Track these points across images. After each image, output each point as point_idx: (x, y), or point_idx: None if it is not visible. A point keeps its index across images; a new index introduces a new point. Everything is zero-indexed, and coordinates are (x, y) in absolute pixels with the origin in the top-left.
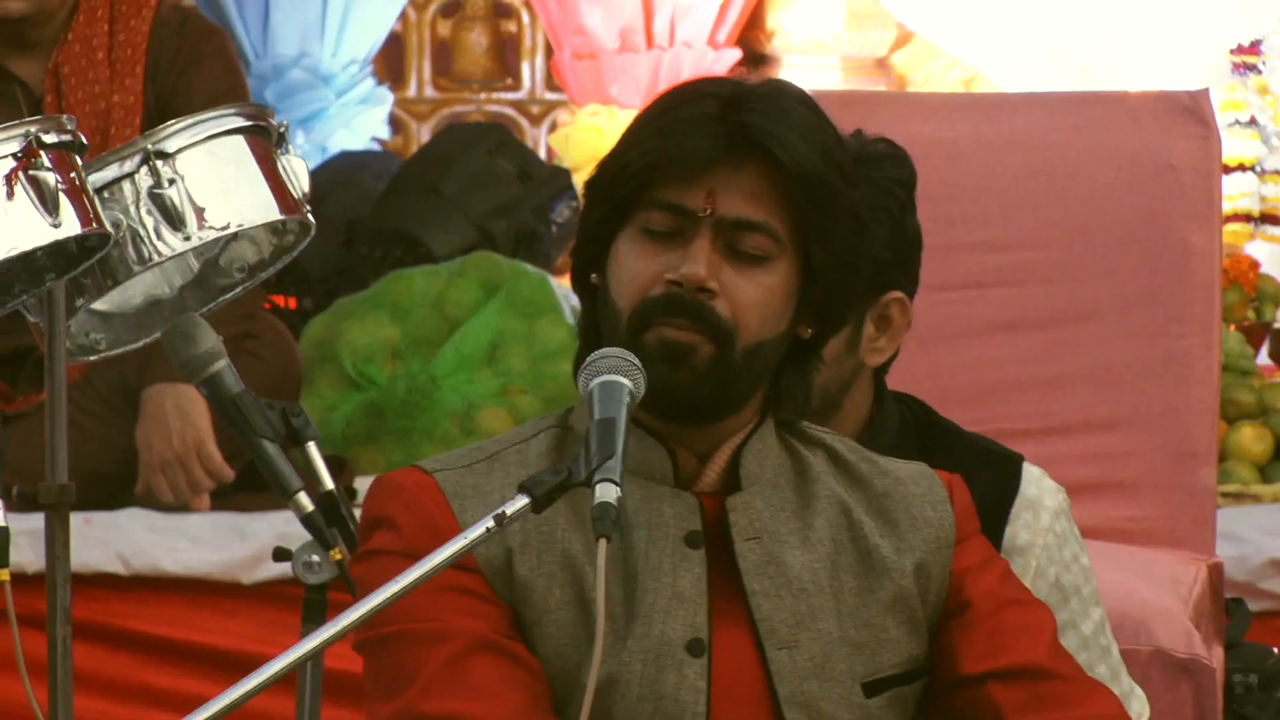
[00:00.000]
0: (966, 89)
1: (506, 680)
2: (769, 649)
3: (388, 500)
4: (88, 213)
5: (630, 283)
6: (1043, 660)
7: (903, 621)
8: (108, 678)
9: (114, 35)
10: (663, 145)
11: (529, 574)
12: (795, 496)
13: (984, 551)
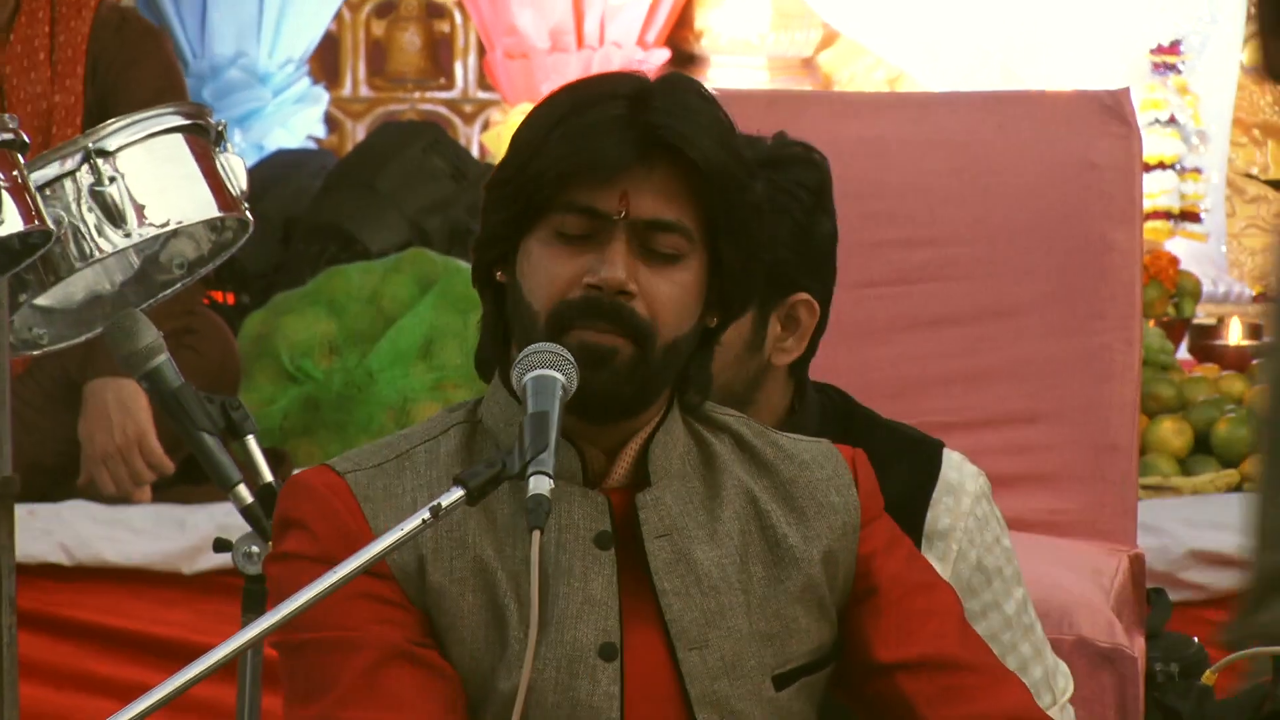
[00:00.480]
0: (891, 88)
1: (421, 690)
2: (680, 650)
3: (301, 502)
4: (30, 210)
5: (547, 285)
6: (952, 650)
7: (811, 610)
8: (52, 666)
9: (54, 36)
10: (575, 150)
11: (442, 580)
12: (703, 487)
13: (889, 533)
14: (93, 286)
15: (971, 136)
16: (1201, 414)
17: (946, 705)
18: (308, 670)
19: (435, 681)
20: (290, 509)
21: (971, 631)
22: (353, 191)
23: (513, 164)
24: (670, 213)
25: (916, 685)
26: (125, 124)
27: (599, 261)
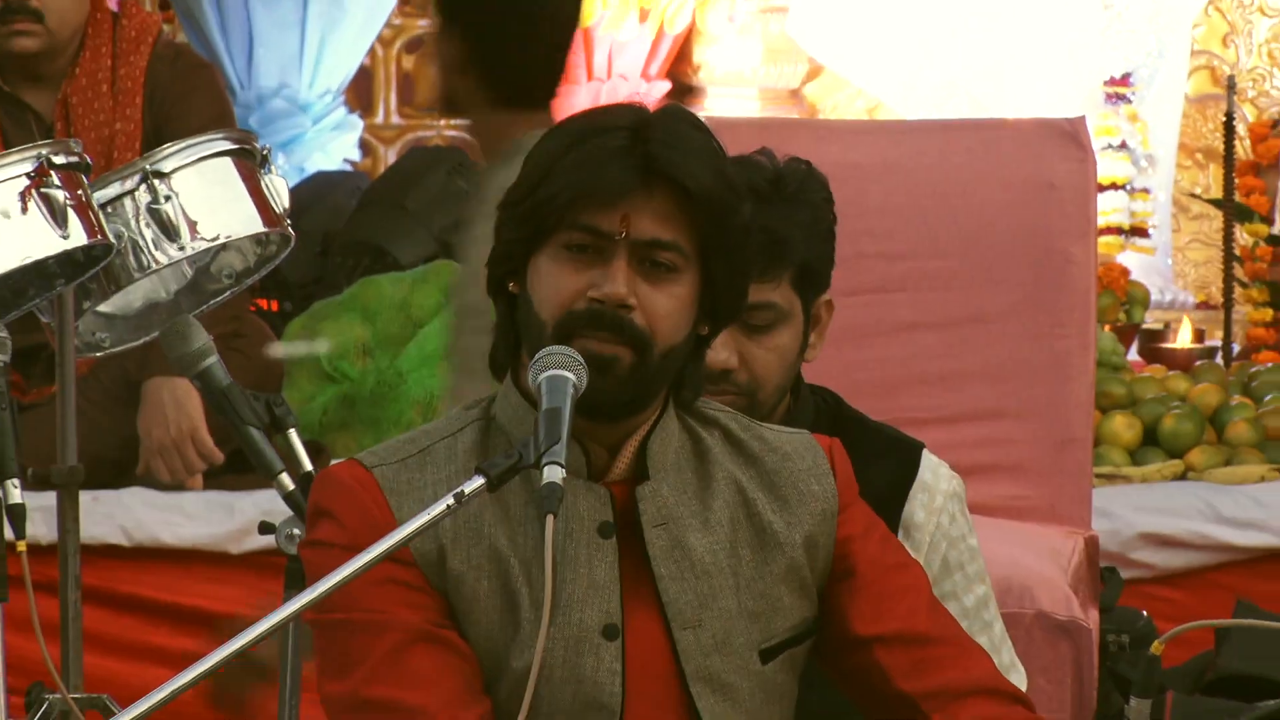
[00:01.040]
0: (870, 116)
1: (442, 668)
2: (675, 629)
3: (332, 494)
4: (93, 225)
5: (554, 297)
6: (923, 626)
7: (794, 589)
8: (113, 637)
9: (116, 70)
10: (583, 176)
11: (460, 567)
12: (696, 479)
13: (865, 517)
14: (150, 295)
15: (943, 160)
16: (1150, 410)
17: (918, 675)
18: (339, 648)
19: (454, 660)
20: (322, 500)
21: (941, 607)
22: (384, 210)
23: (525, 186)
24: (667, 233)
25: (891, 658)
26: (179, 148)
27: (602, 277)
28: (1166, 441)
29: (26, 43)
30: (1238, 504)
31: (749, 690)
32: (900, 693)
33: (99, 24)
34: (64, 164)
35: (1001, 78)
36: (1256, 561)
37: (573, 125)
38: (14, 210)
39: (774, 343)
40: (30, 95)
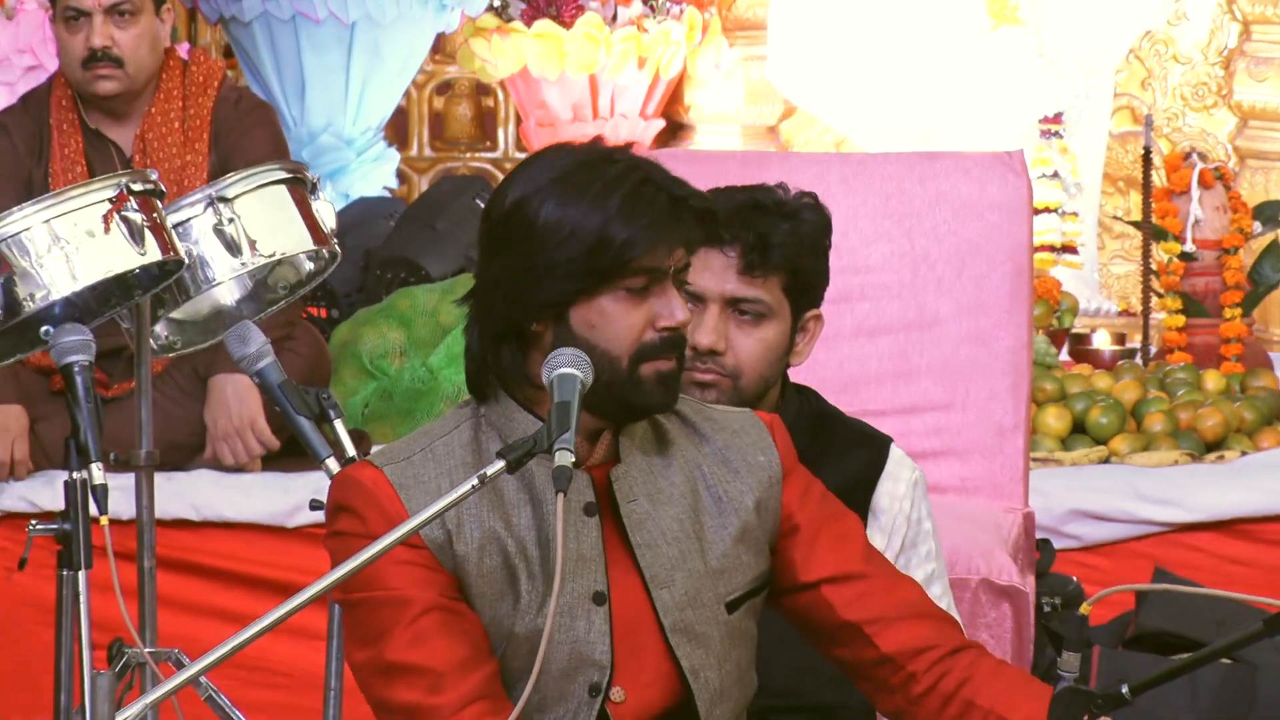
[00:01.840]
0: (837, 149)
1: (453, 635)
2: (654, 590)
3: (349, 493)
4: (166, 243)
5: (624, 334)
6: (860, 566)
7: (750, 548)
8: (183, 599)
9: (186, 109)
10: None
11: (464, 549)
12: (659, 459)
13: (805, 480)
14: (216, 303)
15: (899, 187)
16: (1078, 403)
17: (859, 606)
18: (364, 622)
19: (464, 627)
20: (341, 498)
21: (874, 549)
22: (418, 230)
23: (578, 244)
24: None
25: (835, 594)
26: (241, 177)
27: (664, 307)
28: (1093, 430)
29: (109, 85)
30: (1154, 484)
31: (719, 637)
32: (846, 622)
33: (171, 70)
34: (141, 190)
35: (951, 116)
36: (1171, 534)
37: (595, 185)
38: (98, 230)
39: (760, 334)
40: (112, 131)
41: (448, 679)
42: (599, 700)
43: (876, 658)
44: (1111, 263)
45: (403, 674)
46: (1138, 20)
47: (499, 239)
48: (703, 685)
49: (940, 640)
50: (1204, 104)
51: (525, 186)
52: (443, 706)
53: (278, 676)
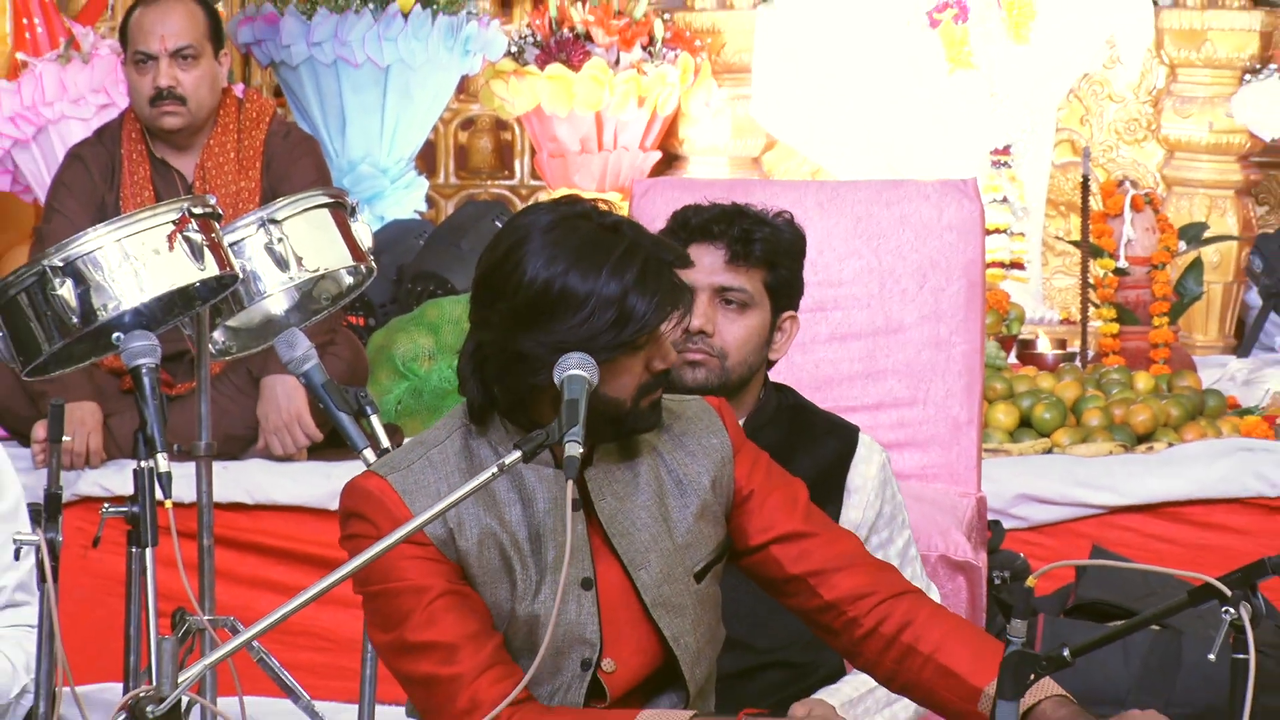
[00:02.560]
0: (813, 177)
1: (463, 614)
2: (633, 571)
3: (359, 501)
4: (223, 260)
5: (629, 383)
6: (801, 525)
7: (709, 522)
8: (237, 573)
9: (241, 142)
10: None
11: (465, 545)
12: (624, 453)
13: (752, 455)
14: (266, 312)
15: (866, 210)
16: (1024, 401)
17: (804, 560)
18: (384, 610)
19: (472, 607)
20: (352, 505)
21: (815, 509)
22: (444, 248)
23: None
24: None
25: (782, 551)
26: (289, 202)
27: (657, 354)
28: (1037, 424)
29: (173, 121)
30: (1091, 472)
31: (692, 604)
32: (793, 576)
33: (227, 107)
34: (201, 213)
35: (912, 148)
36: (1106, 516)
37: (597, 260)
38: (163, 249)
39: (744, 321)
40: (176, 161)
41: (462, 651)
42: (589, 673)
43: (821, 605)
44: (1054, 277)
45: (423, 650)
46: (1077, 64)
47: (524, 314)
48: (684, 649)
49: (877, 587)
50: (1135, 138)
51: (547, 266)
52: (462, 675)
53: (321, 641)
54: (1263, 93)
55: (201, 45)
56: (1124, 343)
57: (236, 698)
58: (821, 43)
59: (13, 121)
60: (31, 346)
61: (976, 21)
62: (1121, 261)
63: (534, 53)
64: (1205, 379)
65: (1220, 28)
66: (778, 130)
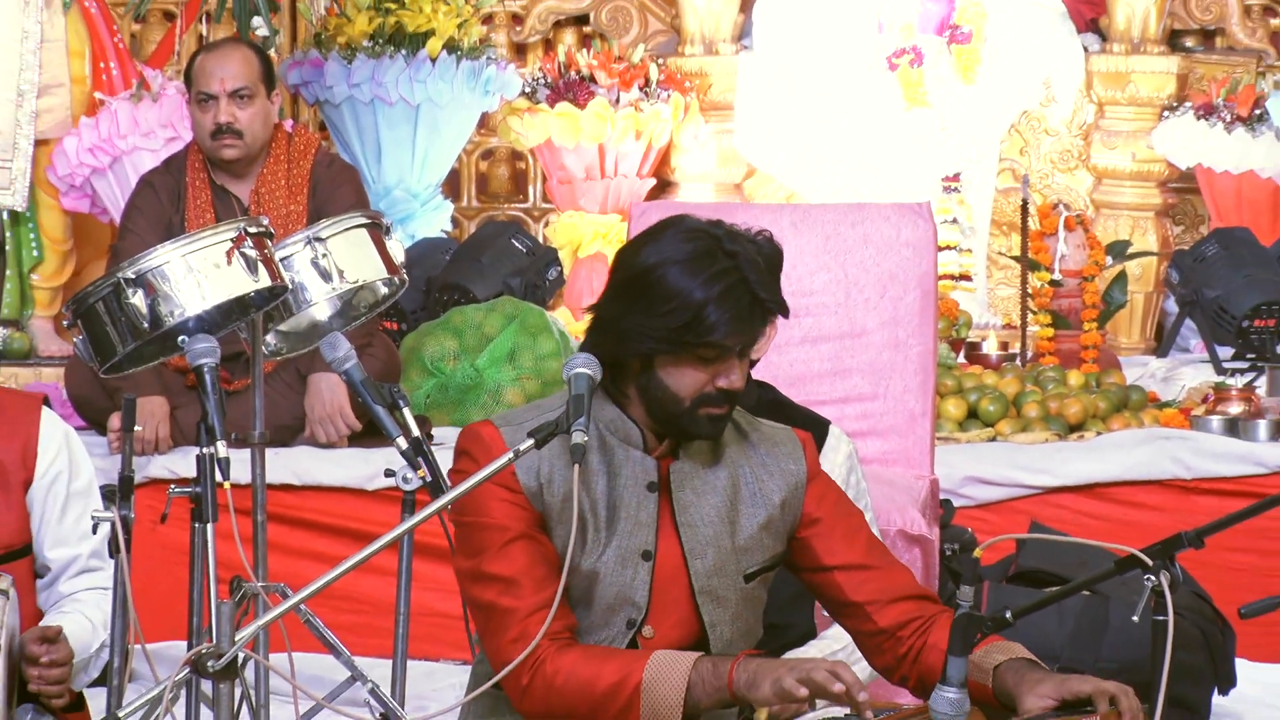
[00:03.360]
0: (788, 201)
1: (533, 557)
2: (690, 558)
3: (471, 443)
4: (275, 272)
5: (692, 385)
6: (863, 556)
7: (771, 534)
8: (287, 545)
9: (290, 171)
10: (729, 325)
11: (551, 499)
12: (711, 457)
13: (824, 485)
14: (312, 318)
15: (834, 229)
16: (971, 395)
17: (862, 588)
18: (470, 539)
19: (542, 552)
20: (465, 445)
21: (876, 541)
22: (467, 263)
23: (676, 318)
24: (758, 339)
25: (845, 578)
26: (332, 222)
27: (723, 372)
28: (983, 416)
29: (231, 152)
30: (1030, 457)
31: (735, 600)
32: (852, 601)
33: (279, 140)
34: (256, 232)
35: (874, 175)
36: (1043, 495)
37: (691, 263)
38: (222, 263)
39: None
40: (233, 187)
41: (525, 588)
42: (632, 633)
43: (874, 630)
44: (997, 288)
45: (492, 580)
46: (1017, 102)
47: (625, 289)
48: (718, 636)
49: (921, 613)
50: (1068, 166)
51: (659, 255)
52: (518, 609)
53: (359, 604)
54: (1179, 127)
55: (256, 86)
56: (1058, 345)
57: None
58: (796, 84)
59: (91, 152)
60: (108, 348)
61: (930, 66)
62: (1056, 274)
63: (545, 93)
64: (1129, 376)
65: (1142, 70)
66: (757, 160)
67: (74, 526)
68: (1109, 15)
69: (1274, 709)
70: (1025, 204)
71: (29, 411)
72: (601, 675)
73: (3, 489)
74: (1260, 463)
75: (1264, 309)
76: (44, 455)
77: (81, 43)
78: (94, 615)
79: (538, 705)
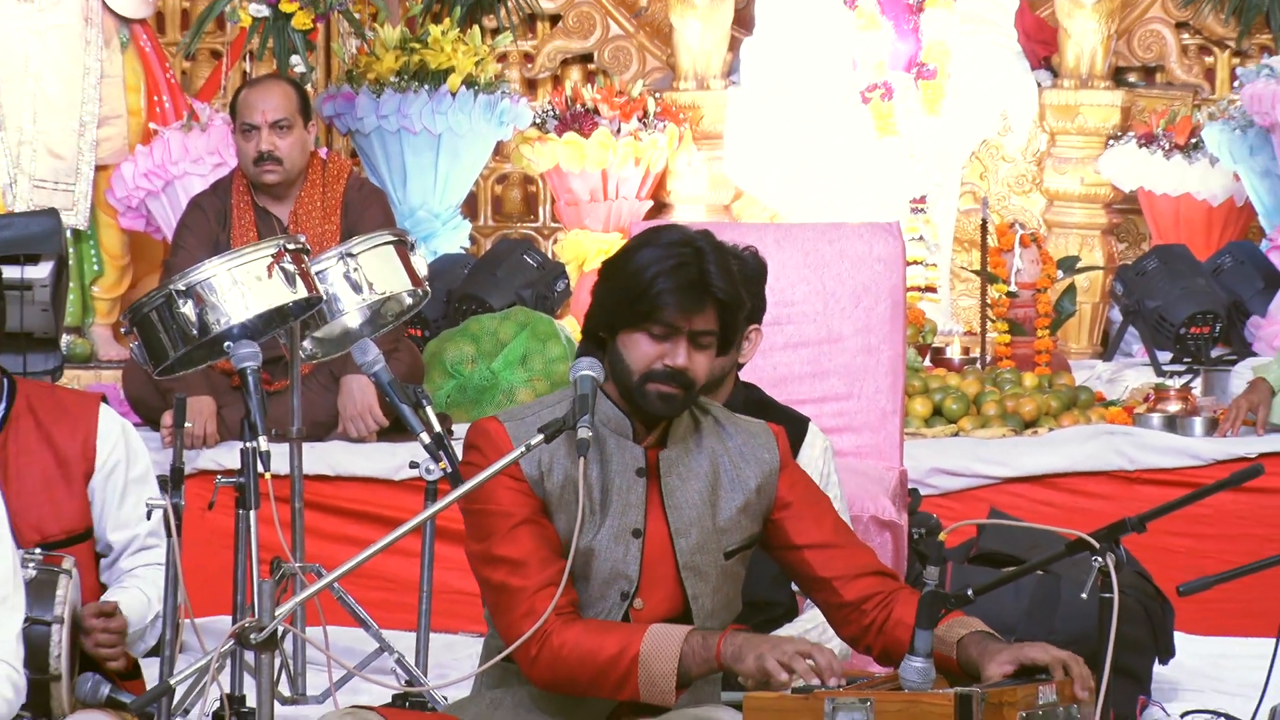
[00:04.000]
0: (771, 220)
1: (537, 539)
2: (675, 537)
3: (479, 438)
4: (311, 285)
5: (641, 359)
6: (830, 536)
7: (748, 516)
8: (323, 529)
9: (324, 194)
10: (678, 299)
11: (551, 487)
12: (693, 446)
13: (795, 473)
14: (345, 326)
15: (813, 246)
16: (936, 395)
17: (830, 566)
18: (480, 525)
19: (546, 534)
20: (473, 439)
21: (842, 523)
22: (484, 276)
23: (633, 292)
24: (709, 325)
25: (813, 555)
26: (363, 239)
27: (671, 351)
28: (946, 413)
29: (272, 178)
30: (989, 451)
31: (716, 575)
32: (820, 577)
33: (314, 166)
34: (294, 249)
35: (849, 198)
36: (1001, 485)
37: (659, 247)
38: (264, 276)
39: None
40: (274, 208)
41: (531, 568)
42: (626, 604)
43: (840, 603)
44: (959, 299)
45: (501, 562)
46: (977, 132)
47: (605, 273)
48: (700, 607)
49: (883, 589)
50: (1023, 189)
51: (637, 242)
52: (526, 587)
53: (387, 582)
54: (1123, 155)
55: (294, 118)
56: (1014, 350)
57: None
58: (779, 116)
59: (146, 177)
60: (160, 353)
61: (899, 99)
62: (1012, 286)
63: (553, 123)
64: (1078, 378)
65: (1090, 103)
66: (744, 184)
67: (132, 511)
68: (1060, 53)
69: (1208, 677)
70: (985, 223)
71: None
72: (603, 647)
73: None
74: (1196, 456)
75: (1199, 317)
76: (103, 448)
77: (137, 78)
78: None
79: (545, 674)
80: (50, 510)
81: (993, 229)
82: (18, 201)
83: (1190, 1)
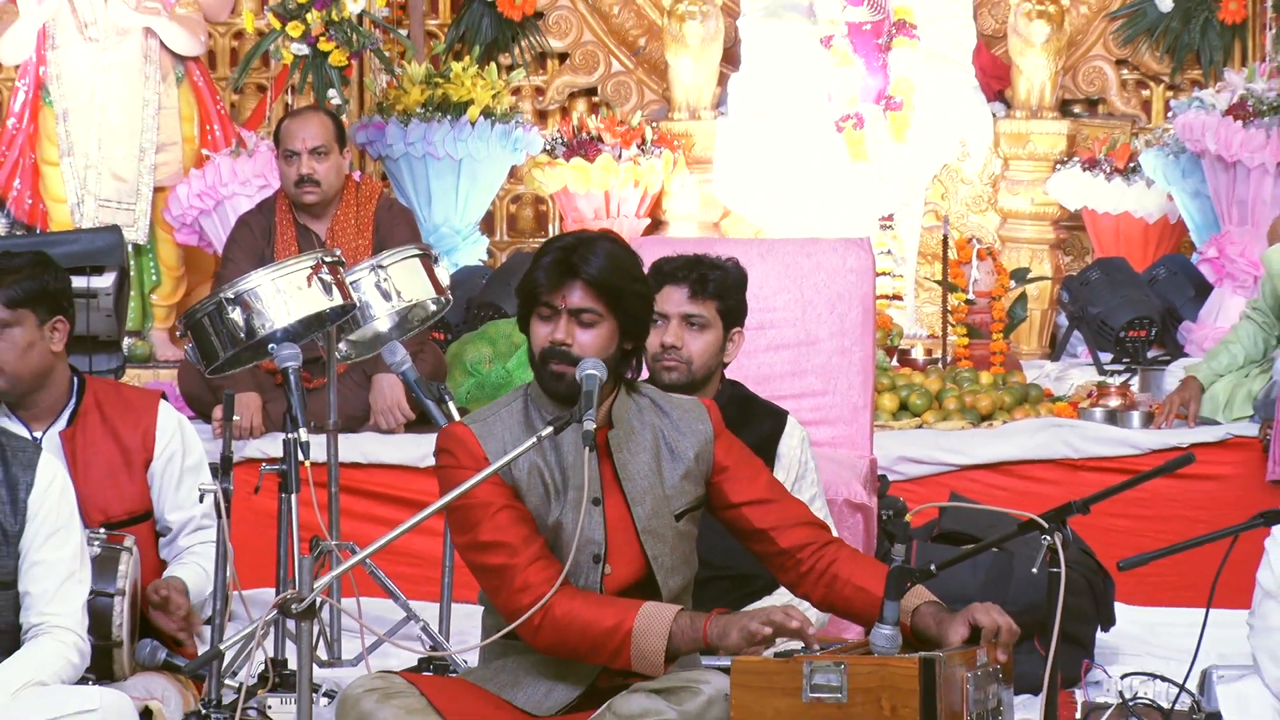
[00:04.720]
0: (756, 236)
1: (517, 521)
2: (632, 505)
3: (449, 441)
4: (346, 293)
5: (537, 341)
6: (765, 492)
7: (691, 481)
8: (356, 511)
9: (358, 212)
10: (542, 279)
11: (519, 474)
12: (637, 425)
13: (728, 440)
14: (376, 330)
15: (793, 259)
16: (902, 391)
17: (766, 518)
18: (463, 518)
19: (524, 515)
20: (443, 444)
21: (775, 481)
22: (500, 285)
23: (524, 283)
24: (585, 302)
25: (751, 511)
26: (392, 253)
27: (555, 329)
28: (912, 408)
29: (311, 198)
30: (950, 441)
31: (671, 536)
32: (757, 529)
33: (349, 187)
34: (331, 261)
35: (825, 216)
36: (960, 472)
37: (544, 247)
38: (304, 286)
39: (704, 338)
40: (313, 225)
41: (519, 547)
42: (599, 566)
43: (777, 550)
44: (923, 306)
45: (490, 547)
46: (938, 157)
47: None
48: (660, 566)
49: (816, 539)
50: (980, 209)
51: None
52: (517, 564)
53: (413, 558)
54: (1069, 177)
55: (331, 145)
56: (972, 351)
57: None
58: (763, 143)
59: (199, 197)
60: (212, 353)
61: (870, 128)
62: (970, 295)
63: (562, 149)
64: (1029, 376)
65: (1039, 132)
66: (732, 203)
67: (188, 495)
68: (1012, 87)
69: (1146, 643)
70: (945, 239)
71: (149, 404)
72: (600, 620)
73: (128, 467)
74: (1134, 446)
75: (1137, 322)
76: (161, 439)
77: (191, 109)
78: (206, 565)
79: (548, 639)
80: (114, 494)
81: (953, 244)
82: (84, 219)
83: (1129, 41)
